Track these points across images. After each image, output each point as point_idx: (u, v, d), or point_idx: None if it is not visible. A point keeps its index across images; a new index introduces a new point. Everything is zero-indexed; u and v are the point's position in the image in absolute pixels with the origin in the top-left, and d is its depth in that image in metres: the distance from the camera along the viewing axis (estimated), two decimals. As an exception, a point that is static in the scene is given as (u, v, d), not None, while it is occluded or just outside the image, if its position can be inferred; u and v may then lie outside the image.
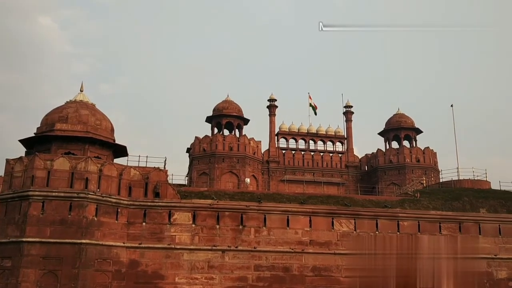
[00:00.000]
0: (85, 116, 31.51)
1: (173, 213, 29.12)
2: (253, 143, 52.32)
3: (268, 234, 29.70)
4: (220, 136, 51.35)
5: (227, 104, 53.89)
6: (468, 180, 38.51)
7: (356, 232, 30.67)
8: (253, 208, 29.97)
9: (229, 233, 29.33)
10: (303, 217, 30.42)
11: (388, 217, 31.38)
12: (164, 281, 27.80)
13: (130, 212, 28.64)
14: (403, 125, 55.94)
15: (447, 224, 31.82)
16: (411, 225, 31.39)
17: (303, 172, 54.89)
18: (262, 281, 28.78)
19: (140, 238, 28.26)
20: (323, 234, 30.31)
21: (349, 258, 29.86)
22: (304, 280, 29.23)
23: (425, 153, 53.71)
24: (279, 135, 57.47)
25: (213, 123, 53.85)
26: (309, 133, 58.14)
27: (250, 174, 50.32)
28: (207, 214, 29.48)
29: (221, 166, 49.75)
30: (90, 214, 27.01)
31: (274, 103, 56.85)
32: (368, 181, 54.20)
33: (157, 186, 29.49)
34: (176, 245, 28.49)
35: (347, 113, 58.62)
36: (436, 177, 51.15)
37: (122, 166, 29.73)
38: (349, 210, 31.13)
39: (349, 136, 58.11)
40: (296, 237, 29.91)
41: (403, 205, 32.71)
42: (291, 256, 29.49)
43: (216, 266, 28.61)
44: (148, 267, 27.92)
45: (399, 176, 52.41)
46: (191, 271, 28.26)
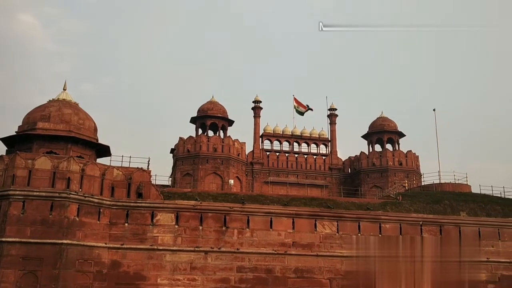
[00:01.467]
0: (68, 115, 31.21)
1: (156, 214, 28.98)
2: (238, 144, 52.31)
3: (251, 236, 29.75)
4: (204, 137, 51.25)
5: (212, 105, 53.79)
6: (449, 184, 39.04)
7: (339, 234, 30.88)
8: (236, 209, 29.98)
9: (212, 234, 29.31)
10: (286, 219, 30.53)
11: (370, 219, 31.67)
12: (146, 282, 27.66)
13: (113, 212, 28.43)
14: (386, 128, 56.48)
15: (428, 227, 32.24)
16: (393, 228, 31.73)
17: (287, 174, 55.04)
18: (245, 283, 28.80)
19: (122, 239, 28.08)
20: (306, 236, 30.46)
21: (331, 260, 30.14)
22: (287, 282, 29.32)
23: (408, 157, 54.28)
24: (264, 136, 57.53)
25: (197, 124, 53.70)
26: (294, 135, 58.32)
27: (234, 175, 50.30)
28: (190, 215, 29.41)
29: (205, 167, 49.64)
30: (72, 214, 26.74)
31: (259, 105, 56.89)
32: (351, 183, 54.54)
33: (140, 186, 29.34)
34: (159, 246, 28.36)
35: (331, 115, 58.93)
36: (418, 180, 51.69)
37: (105, 166, 29.52)
38: (332, 212, 31.33)
39: (333, 139, 58.45)
40: (279, 239, 30.00)
41: (385, 208, 33.03)
42: (273, 258, 29.57)
43: (199, 267, 28.55)
44: (130, 268, 27.74)
45: (382, 179, 52.88)
46: (174, 272, 28.16)
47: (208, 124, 53.01)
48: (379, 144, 57.08)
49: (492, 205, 35.34)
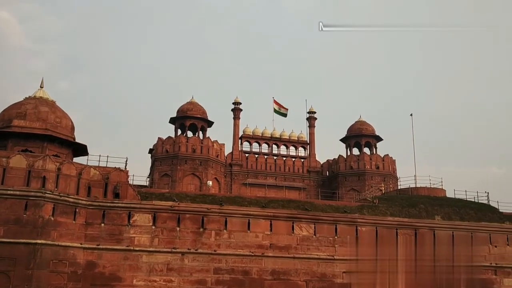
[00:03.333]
0: (45, 113, 30.78)
1: (133, 215, 28.76)
2: (217, 145, 52.25)
3: (229, 237, 29.75)
4: (183, 138, 51.04)
5: (192, 106, 53.63)
6: (424, 188, 39.59)
7: (316, 236, 31.11)
8: (214, 211, 29.96)
9: (190, 235, 29.22)
10: (264, 221, 30.62)
11: (347, 222, 31.98)
12: (122, 283, 27.41)
13: (89, 212, 28.11)
14: (364, 132, 57.07)
15: (403, 230, 32.72)
16: (369, 231, 32.11)
17: (266, 176, 55.19)
18: (221, 284, 28.77)
19: (98, 239, 27.79)
20: (283, 238, 30.61)
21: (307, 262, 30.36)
22: (263, 284, 29.41)
23: (385, 160, 54.96)
24: (243, 138, 57.58)
25: (176, 124, 53.46)
26: (273, 138, 58.51)
27: (212, 176, 50.21)
28: (168, 216, 29.27)
29: (183, 168, 49.44)
30: (47, 214, 26.34)
31: (239, 107, 56.94)
32: (329, 186, 54.99)
33: (117, 186, 29.07)
34: (135, 247, 28.15)
35: (310, 118, 59.31)
36: (394, 184, 52.39)
37: (81, 165, 29.18)
38: (309, 214, 31.54)
39: (311, 142, 58.81)
40: (256, 241, 30.07)
41: (362, 211, 33.37)
42: (251, 260, 29.62)
43: (175, 268, 28.43)
44: (105, 269, 27.46)
45: (359, 182, 53.41)
46: (150, 273, 27.98)
47: (187, 125, 52.82)
48: (357, 147, 57.65)
49: (466, 209, 35.99)
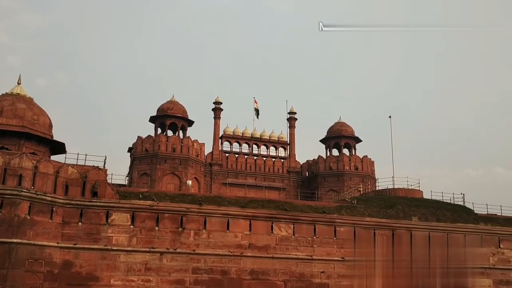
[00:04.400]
0: (22, 110, 30.33)
1: (111, 214, 28.53)
2: (197, 145, 52.08)
3: (208, 237, 29.72)
4: (163, 137, 50.73)
5: (172, 105, 53.32)
6: (402, 189, 40.10)
7: (295, 236, 31.28)
8: (193, 210, 29.90)
9: (168, 235, 29.10)
10: (243, 221, 30.67)
11: (326, 222, 32.25)
12: (99, 283, 27.18)
13: (66, 211, 27.79)
14: (344, 133, 57.54)
15: (381, 231, 33.14)
16: (348, 231, 32.44)
17: (246, 176, 55.21)
18: (200, 284, 28.73)
19: (75, 239, 27.49)
20: (262, 238, 30.71)
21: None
22: (242, 284, 29.45)
23: (363, 162, 55.49)
24: (223, 138, 57.51)
25: (156, 123, 53.10)
26: (253, 138, 58.56)
27: (192, 176, 50.02)
28: (147, 215, 29.10)
29: (163, 167, 49.14)
30: (23, 213, 25.95)
31: (220, 106, 56.84)
32: (308, 186, 55.27)
33: (95, 185, 28.79)
34: (113, 246, 27.92)
35: (291, 119, 59.53)
36: (373, 185, 52.92)
37: (59, 163, 28.83)
38: (289, 215, 31.70)
39: (291, 142, 59.04)
40: (235, 241, 30.10)
41: (341, 212, 33.65)
42: (229, 260, 29.64)
43: (154, 268, 28.29)
44: (82, 269, 27.19)
45: (338, 183, 53.80)
46: (128, 273, 27.79)
47: (167, 124, 52.51)
48: (336, 148, 58.09)
49: (442, 210, 36.59)
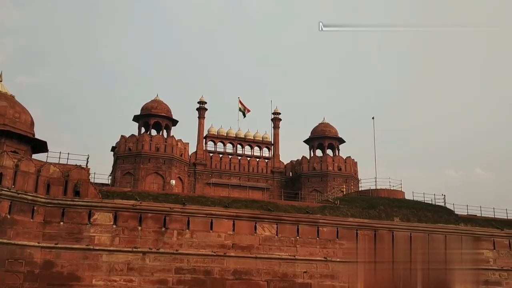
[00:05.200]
0: (3, 108, 29.97)
1: (93, 213, 28.31)
2: (181, 144, 51.93)
3: (191, 237, 29.67)
4: (147, 136, 50.49)
5: (156, 104, 53.08)
6: (384, 190, 40.50)
7: (278, 236, 31.40)
8: (177, 210, 29.82)
9: (151, 235, 28.99)
10: (227, 221, 30.69)
11: (309, 222, 32.43)
12: (80, 283, 26.95)
13: (47, 210, 27.50)
14: (327, 134, 57.93)
15: (363, 231, 33.43)
16: (330, 231, 32.67)
17: (230, 176, 55.22)
18: (183, 284, 28.67)
19: (56, 238, 27.23)
20: (246, 238, 30.76)
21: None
22: (225, 284, 29.46)
23: (347, 162, 55.91)
24: (208, 138, 57.45)
25: (140, 122, 52.81)
26: (237, 138, 58.60)
27: (176, 176, 49.87)
28: (129, 215, 28.95)
29: (146, 166, 48.91)
30: (3, 212, 25.65)
31: (204, 106, 56.76)
32: (292, 187, 55.49)
33: (77, 184, 28.55)
34: (95, 246, 27.72)
35: (275, 119, 59.72)
36: (356, 185, 53.31)
37: (41, 162, 28.53)
38: (272, 215, 31.81)
39: (276, 142, 59.23)
40: (218, 241, 30.10)
41: (324, 212, 33.88)
42: (213, 260, 29.63)
43: (136, 268, 28.15)
44: (63, 269, 26.94)
45: (322, 183, 54.14)
46: (110, 273, 27.61)
47: (151, 123, 52.28)
48: (320, 149, 58.43)
49: (423, 211, 37.04)
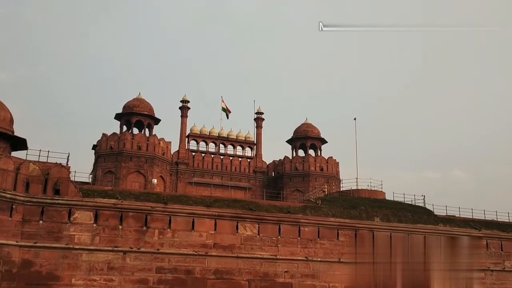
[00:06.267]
0: (-19, 105, 29.40)
1: (73, 212, 28.02)
2: (163, 143, 51.70)
3: (173, 236, 29.56)
4: (128, 135, 50.14)
5: (138, 102, 52.76)
6: (365, 190, 40.88)
7: (259, 236, 31.47)
8: (158, 209, 29.68)
9: (132, 234, 28.80)
10: (209, 220, 30.66)
11: (290, 222, 32.56)
12: (60, 283, 26.65)
13: (26, 209, 27.12)
14: (310, 134, 58.27)
15: (344, 231, 33.70)
16: (312, 231, 32.86)
17: (212, 175, 55.16)
18: (163, 284, 28.55)
19: (35, 237, 26.87)
20: (228, 237, 30.75)
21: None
22: (206, 283, 29.42)
23: (329, 163, 56.29)
24: (190, 137, 57.28)
25: (122, 120, 52.43)
26: (220, 137, 58.56)
27: (158, 174, 49.64)
28: (110, 214, 28.72)
29: (128, 165, 48.58)
30: (-19, 210, 25.22)
31: (187, 105, 56.57)
32: (274, 186, 55.66)
33: (57, 183, 28.21)
34: (75, 245, 27.44)
35: (258, 119, 59.82)
36: (337, 185, 53.75)
37: (20, 160, 28.11)
38: (254, 214, 31.86)
39: (258, 142, 59.33)
40: (200, 240, 30.05)
41: (305, 212, 34.05)
42: (194, 259, 29.56)
43: (117, 267, 27.94)
44: (42, 268, 26.61)
45: (304, 183, 54.44)
46: (90, 272, 27.35)
47: (133, 122, 51.96)
48: (302, 149, 58.74)
49: (403, 212, 37.49)
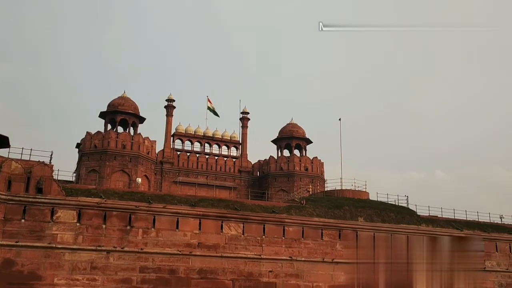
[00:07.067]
0: (-38, 102, 28.98)
1: (56, 211, 27.76)
2: (148, 142, 51.46)
3: (157, 236, 29.45)
4: (113, 133, 49.80)
5: (123, 101, 52.42)
6: (349, 190, 41.12)
7: (244, 236, 31.50)
8: (142, 208, 29.53)
9: (116, 233, 28.62)
10: (193, 220, 30.60)
11: (275, 222, 32.64)
12: (42, 282, 26.37)
13: (8, 207, 26.77)
14: (295, 134, 58.48)
15: (328, 231, 33.88)
16: (296, 231, 32.98)
17: (197, 175, 55.06)
18: (147, 283, 28.42)
19: (17, 236, 26.54)
20: (212, 237, 30.72)
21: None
22: (190, 283, 29.36)
23: (313, 163, 56.56)
24: (175, 136, 57.10)
25: (106, 119, 52.04)
26: (205, 136, 58.48)
27: (142, 174, 49.40)
28: (94, 213, 28.51)
29: (112, 164, 48.26)
30: (-39, 209, 24.85)
31: (172, 104, 56.37)
32: (259, 186, 55.75)
33: (40, 181, 27.92)
34: (58, 244, 27.18)
35: (243, 119, 59.87)
36: (322, 185, 54.04)
37: (2, 158, 27.79)
38: (239, 214, 31.87)
39: (244, 142, 59.39)
40: (184, 239, 29.97)
41: (290, 211, 34.15)
42: (178, 259, 29.48)
43: (100, 267, 27.74)
44: (24, 267, 26.30)
45: (288, 183, 54.64)
46: (72, 272, 27.12)
47: (118, 120, 51.61)
48: (287, 149, 58.92)
49: (386, 212, 37.80)
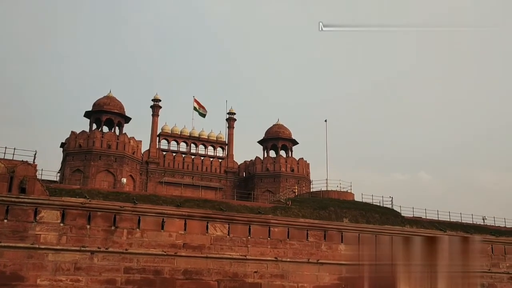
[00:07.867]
0: None
1: (39, 211, 27.47)
2: (133, 142, 51.16)
3: (142, 236, 29.30)
4: (98, 133, 49.42)
5: (109, 100, 52.03)
6: (335, 191, 41.30)
7: (229, 236, 31.48)
8: (127, 209, 29.37)
9: (100, 234, 28.41)
10: (179, 220, 30.50)
11: (260, 223, 32.68)
12: (24, 283, 26.08)
13: (-10, 208, 26.44)
14: (281, 135, 58.61)
15: (313, 232, 34.02)
16: (281, 231, 33.06)
17: (183, 175, 54.86)
18: (131, 284, 28.25)
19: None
20: (197, 237, 30.67)
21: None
22: (175, 284, 29.26)
23: (299, 164, 56.73)
24: (161, 136, 56.83)
25: (92, 118, 51.62)
26: (191, 137, 58.31)
27: (127, 174, 49.08)
28: (78, 213, 28.28)
29: (97, 164, 47.88)
30: None
31: (158, 104, 56.12)
32: (245, 187, 55.74)
33: (23, 181, 27.62)
34: (41, 245, 26.91)
35: (230, 119, 59.82)
36: (308, 186, 54.16)
37: (-16, 157, 27.41)
38: (224, 215, 31.85)
39: (230, 142, 59.33)
40: (170, 240, 29.86)
41: (275, 212, 34.21)
42: (163, 259, 29.36)
43: (84, 267, 27.52)
44: (6, 268, 26.00)
45: (274, 184, 54.72)
46: (56, 272, 26.87)
47: (103, 120, 51.22)
48: (273, 150, 59.02)
49: (371, 213, 38.07)
